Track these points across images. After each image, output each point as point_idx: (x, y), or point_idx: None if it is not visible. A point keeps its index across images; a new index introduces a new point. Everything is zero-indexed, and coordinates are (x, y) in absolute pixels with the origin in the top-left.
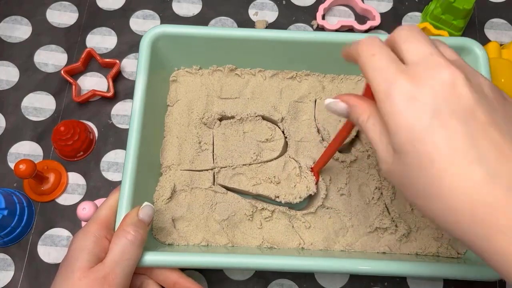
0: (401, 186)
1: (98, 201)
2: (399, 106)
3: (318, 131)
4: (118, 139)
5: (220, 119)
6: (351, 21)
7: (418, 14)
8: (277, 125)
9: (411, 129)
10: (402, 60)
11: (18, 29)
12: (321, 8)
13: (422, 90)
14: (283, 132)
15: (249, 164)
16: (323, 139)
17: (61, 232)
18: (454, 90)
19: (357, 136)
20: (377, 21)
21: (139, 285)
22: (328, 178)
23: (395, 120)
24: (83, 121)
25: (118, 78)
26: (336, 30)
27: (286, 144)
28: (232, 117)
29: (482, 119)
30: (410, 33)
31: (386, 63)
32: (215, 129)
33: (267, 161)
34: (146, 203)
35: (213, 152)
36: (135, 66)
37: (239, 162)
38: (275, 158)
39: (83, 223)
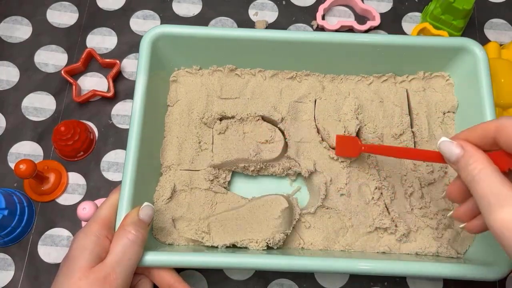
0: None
1: (98, 201)
2: None
3: (318, 131)
4: (118, 139)
5: (220, 119)
6: (351, 21)
7: (418, 14)
8: (277, 126)
9: None
10: None
11: (19, 29)
12: (321, 8)
13: None
14: (283, 133)
15: (249, 160)
16: (322, 139)
17: (61, 232)
18: None
19: (357, 136)
20: (377, 21)
21: (135, 283)
22: (329, 178)
23: None
24: (83, 121)
25: (118, 78)
26: (336, 30)
27: (285, 146)
28: (232, 117)
29: None
30: None
31: None
32: (215, 128)
33: (266, 161)
34: (146, 203)
35: (212, 151)
36: (135, 66)
37: (236, 157)
38: (274, 159)
39: (83, 223)
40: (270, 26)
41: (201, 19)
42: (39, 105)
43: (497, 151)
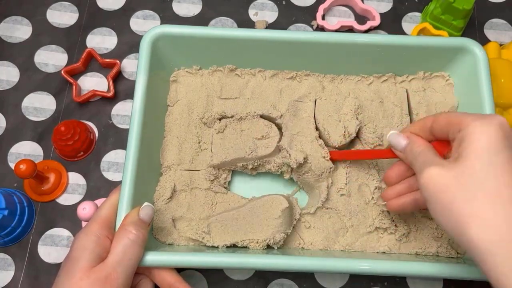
0: (440, 197)
1: (98, 201)
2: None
3: (317, 128)
4: (118, 139)
5: (220, 119)
6: (351, 21)
7: (418, 14)
8: (274, 122)
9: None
10: None
11: (19, 29)
12: (321, 8)
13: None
14: (280, 128)
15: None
16: (320, 137)
17: (61, 232)
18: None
19: (357, 136)
20: (377, 21)
21: (136, 283)
22: (329, 180)
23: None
24: (84, 121)
25: (118, 78)
26: (336, 30)
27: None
28: (232, 117)
29: None
30: None
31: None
32: (214, 127)
33: (261, 157)
34: (146, 203)
35: (211, 150)
36: (135, 66)
37: (234, 156)
38: (269, 154)
39: (84, 223)
40: (270, 26)
41: (201, 19)
42: (39, 105)
43: (434, 142)
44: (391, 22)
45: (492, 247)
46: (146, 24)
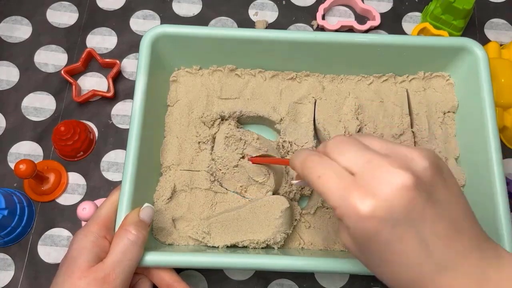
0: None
1: (98, 201)
2: (359, 222)
3: (316, 133)
4: (118, 139)
5: (222, 119)
6: (351, 21)
7: (418, 14)
8: (274, 127)
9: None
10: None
11: (18, 29)
12: (321, 8)
13: (378, 204)
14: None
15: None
16: (315, 146)
17: (61, 232)
18: (406, 195)
19: None
20: (377, 21)
21: (134, 283)
22: None
23: (356, 228)
24: (83, 121)
25: (118, 78)
26: (336, 30)
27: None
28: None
29: (429, 217)
30: (340, 145)
31: (334, 183)
32: (213, 128)
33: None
34: (146, 204)
35: (211, 153)
36: (135, 66)
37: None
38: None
39: (83, 223)
40: (270, 26)
41: (201, 19)
42: (39, 105)
43: None
44: (391, 22)
45: None
46: (146, 24)
